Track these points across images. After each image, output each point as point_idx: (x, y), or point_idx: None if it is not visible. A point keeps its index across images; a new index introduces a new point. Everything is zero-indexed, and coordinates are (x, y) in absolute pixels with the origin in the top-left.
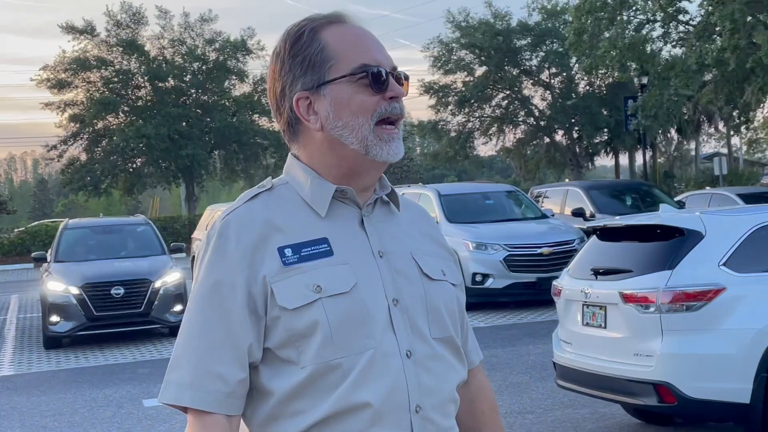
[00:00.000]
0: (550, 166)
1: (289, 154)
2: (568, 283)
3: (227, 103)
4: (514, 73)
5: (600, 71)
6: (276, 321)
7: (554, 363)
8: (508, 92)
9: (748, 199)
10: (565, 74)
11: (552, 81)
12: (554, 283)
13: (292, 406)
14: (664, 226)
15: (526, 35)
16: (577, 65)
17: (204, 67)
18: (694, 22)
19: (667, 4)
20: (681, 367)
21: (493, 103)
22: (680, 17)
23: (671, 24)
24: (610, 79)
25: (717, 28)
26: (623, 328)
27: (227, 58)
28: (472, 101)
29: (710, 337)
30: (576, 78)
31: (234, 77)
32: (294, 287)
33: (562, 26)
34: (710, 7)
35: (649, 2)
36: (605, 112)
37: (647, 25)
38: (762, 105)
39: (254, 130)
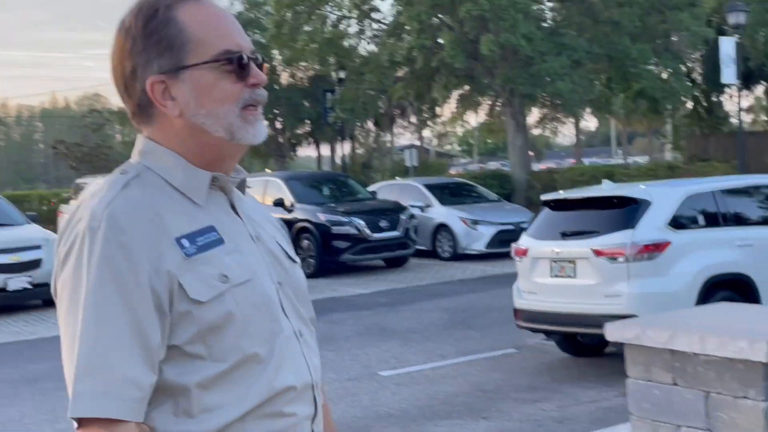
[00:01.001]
0: (255, 156)
1: (141, 137)
2: (533, 243)
3: None
4: None
5: (301, 64)
6: (184, 316)
7: (516, 309)
8: None
9: (433, 188)
10: (267, 65)
11: None
12: (514, 245)
13: (207, 401)
14: (621, 196)
15: None
16: (279, 57)
17: None
18: (386, 21)
19: (361, 1)
20: (645, 303)
21: None
22: (374, 15)
23: (366, 21)
24: (312, 72)
25: (406, 28)
26: (593, 277)
27: None
28: None
29: (664, 279)
30: (278, 69)
31: None
32: (201, 279)
33: (263, 17)
34: (400, 7)
35: None
36: (307, 104)
37: (344, 21)
38: (448, 101)
39: None
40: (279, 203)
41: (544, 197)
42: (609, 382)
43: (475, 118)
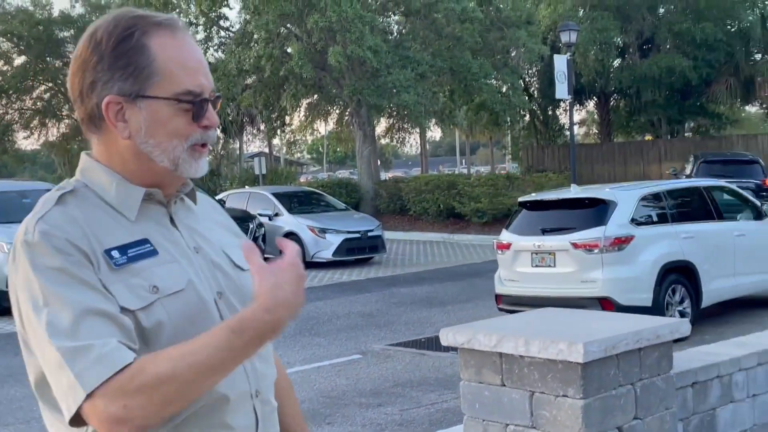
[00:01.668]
0: None
1: (84, 154)
2: (515, 239)
3: None
4: (57, 65)
5: None
6: None
7: (498, 295)
8: (51, 84)
9: (282, 197)
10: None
11: None
12: (496, 240)
13: None
14: (591, 197)
15: (69, 27)
16: None
17: None
18: (234, 29)
19: (209, 9)
20: (616, 286)
21: (35, 95)
22: (222, 23)
23: (213, 29)
24: None
25: (255, 37)
26: (571, 266)
27: None
28: (11, 92)
29: (630, 266)
30: None
31: None
32: (130, 289)
33: None
34: (248, 17)
35: (192, 6)
36: None
37: (191, 28)
38: (297, 110)
39: None
40: None
41: (521, 199)
42: (448, 385)
43: (324, 127)
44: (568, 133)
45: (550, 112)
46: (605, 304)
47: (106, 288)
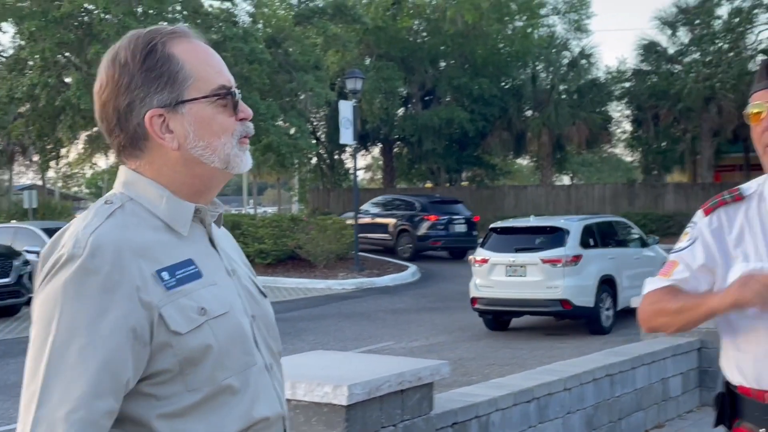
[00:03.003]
0: None
1: (124, 168)
2: (491, 255)
3: None
4: None
5: None
6: (164, 347)
7: (473, 298)
8: None
9: (52, 234)
10: None
11: None
12: (471, 257)
13: (179, 429)
14: (552, 226)
15: None
16: None
17: None
18: (6, 54)
19: None
20: (572, 291)
21: None
22: None
23: None
24: None
25: (29, 63)
26: (539, 276)
27: None
28: None
29: (581, 276)
30: None
31: None
32: (181, 311)
33: None
34: (23, 42)
35: None
36: None
37: None
38: (75, 142)
39: None
40: None
41: (492, 225)
42: None
43: (105, 161)
44: (353, 177)
45: (336, 156)
46: (564, 304)
47: (155, 308)
